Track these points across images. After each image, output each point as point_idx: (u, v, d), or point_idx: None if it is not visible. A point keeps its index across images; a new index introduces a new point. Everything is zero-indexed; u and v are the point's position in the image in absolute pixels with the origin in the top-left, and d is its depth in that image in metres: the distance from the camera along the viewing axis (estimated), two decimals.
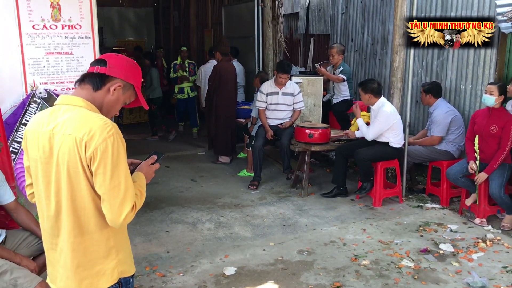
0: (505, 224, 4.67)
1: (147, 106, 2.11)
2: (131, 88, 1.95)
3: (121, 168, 1.75)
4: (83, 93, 1.86)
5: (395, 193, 5.45)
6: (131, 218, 1.80)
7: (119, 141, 1.76)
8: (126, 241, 1.97)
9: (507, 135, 4.58)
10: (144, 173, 1.99)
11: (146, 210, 5.04)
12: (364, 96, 5.30)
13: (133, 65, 1.97)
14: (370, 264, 3.93)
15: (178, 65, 8.75)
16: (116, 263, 1.88)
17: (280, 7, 7.65)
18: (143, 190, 1.91)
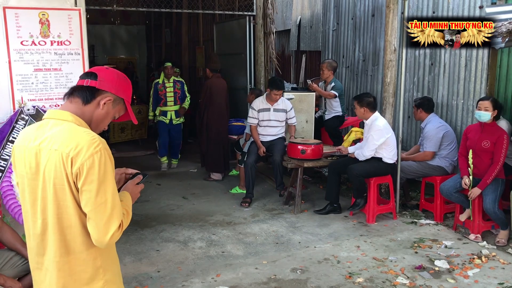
0: (500, 239, 4.63)
1: (136, 121, 2.07)
2: (121, 102, 1.93)
3: (108, 185, 1.70)
4: (72, 107, 1.82)
5: (389, 209, 5.40)
6: (118, 237, 1.74)
7: (107, 157, 1.71)
8: (114, 260, 1.91)
9: (500, 150, 4.57)
10: (130, 192, 1.94)
11: (137, 229, 4.95)
12: (360, 110, 5.28)
13: (123, 79, 1.94)
14: (364, 281, 3.86)
15: (160, 85, 7.36)
16: (103, 283, 1.82)
17: (271, 24, 7.68)
18: (129, 209, 1.86)
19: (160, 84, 7.32)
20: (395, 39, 5.46)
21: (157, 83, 7.41)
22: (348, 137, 6.21)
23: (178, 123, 7.53)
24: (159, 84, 7.34)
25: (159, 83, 7.33)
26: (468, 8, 5.51)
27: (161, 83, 7.31)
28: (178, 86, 7.38)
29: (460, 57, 5.66)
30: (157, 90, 7.38)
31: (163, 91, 7.28)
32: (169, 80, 7.33)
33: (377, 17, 7.06)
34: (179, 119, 7.49)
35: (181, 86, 7.45)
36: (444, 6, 5.85)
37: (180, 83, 7.46)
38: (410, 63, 6.40)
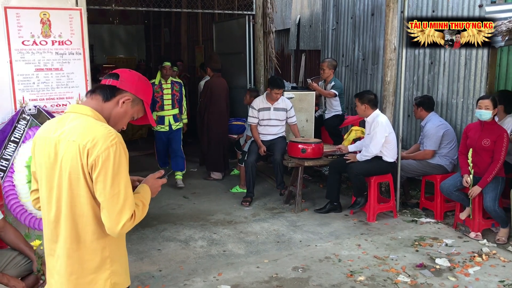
0: (500, 237, 4.65)
1: (154, 123, 2.13)
2: (140, 103, 2.02)
3: (121, 177, 1.78)
4: (93, 103, 1.92)
5: (389, 208, 5.42)
6: (130, 227, 1.81)
7: (122, 150, 1.80)
8: (122, 253, 1.98)
9: (500, 149, 4.59)
10: (149, 185, 2.03)
11: (138, 228, 4.95)
12: (361, 107, 5.29)
13: (144, 81, 2.03)
14: (366, 280, 3.87)
15: (156, 86, 6.42)
16: (109, 274, 1.88)
17: (271, 23, 7.68)
18: (146, 201, 1.94)
19: (156, 85, 6.39)
20: (395, 38, 5.47)
21: (153, 84, 6.27)
22: (348, 136, 6.22)
23: (178, 127, 6.61)
24: (155, 85, 6.38)
25: (155, 84, 6.40)
26: (467, 7, 5.52)
27: (157, 84, 6.41)
28: (176, 88, 6.56)
29: (460, 56, 5.68)
30: (153, 91, 6.63)
31: (160, 93, 6.41)
32: (166, 81, 6.46)
33: (377, 16, 7.07)
34: (178, 123, 6.60)
35: (180, 88, 6.61)
36: (443, 5, 5.87)
37: (179, 85, 6.61)
38: (410, 62, 6.41)
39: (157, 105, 6.38)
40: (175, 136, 6.57)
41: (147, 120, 2.09)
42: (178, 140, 6.62)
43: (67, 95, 4.12)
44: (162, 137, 6.55)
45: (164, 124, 6.46)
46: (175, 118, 6.53)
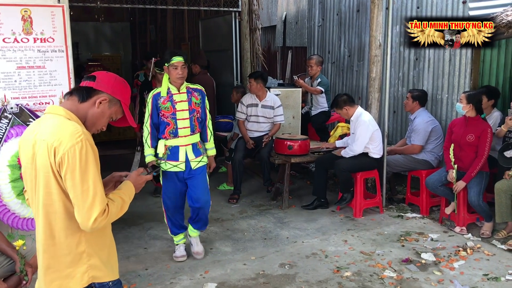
0: (484, 231, 4.70)
1: (135, 124, 2.14)
2: (118, 103, 2.05)
3: (89, 173, 1.82)
4: (68, 103, 1.97)
5: (376, 204, 5.45)
6: (103, 222, 1.84)
7: (88, 147, 1.83)
8: (103, 247, 2.00)
9: (484, 144, 4.63)
10: (132, 181, 2.10)
11: (124, 227, 4.92)
12: (342, 112, 5.33)
13: (121, 82, 2.08)
14: (352, 275, 3.89)
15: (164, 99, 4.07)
16: (86, 267, 1.93)
17: (257, 20, 7.67)
18: (126, 198, 2.00)
19: (163, 97, 3.98)
20: (380, 35, 5.49)
21: (157, 95, 4.00)
22: (335, 133, 6.24)
23: (201, 165, 4.12)
24: (160, 97, 3.99)
25: (161, 95, 3.98)
26: (451, 4, 5.56)
27: (165, 96, 3.98)
28: (196, 100, 4.06)
29: (444, 52, 5.71)
30: (157, 107, 4.00)
31: (170, 109, 3.97)
32: (179, 89, 4.00)
33: (362, 12, 7.09)
34: (201, 158, 4.11)
35: (202, 98, 4.12)
36: (428, 2, 5.90)
37: (200, 94, 4.11)
38: (395, 58, 6.44)
39: (167, 129, 3.99)
40: (197, 179, 4.08)
41: (128, 122, 2.12)
42: (201, 185, 4.11)
43: (50, 93, 4.06)
44: (174, 183, 4.07)
45: (178, 160, 4.01)
46: (196, 150, 4.08)
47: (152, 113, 4.00)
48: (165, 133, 4.01)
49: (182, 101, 4.00)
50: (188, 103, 4.01)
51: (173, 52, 3.94)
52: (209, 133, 4.23)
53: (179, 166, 4.03)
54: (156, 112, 4.00)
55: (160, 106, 3.97)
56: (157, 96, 4.00)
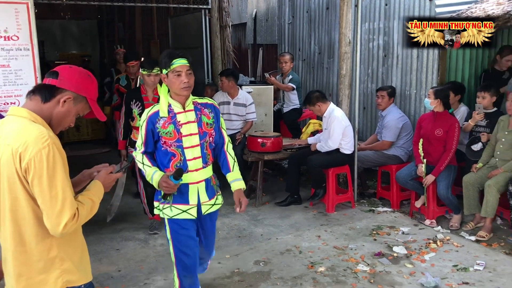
0: (453, 224, 4.82)
1: (103, 118, 2.08)
2: (84, 100, 1.97)
3: (58, 178, 1.76)
4: (31, 104, 1.88)
5: (347, 199, 5.51)
6: (73, 227, 1.80)
7: (56, 151, 1.77)
8: (76, 250, 1.96)
9: (452, 138, 4.74)
10: (102, 181, 2.04)
11: (95, 228, 4.83)
12: (315, 108, 5.35)
13: (86, 77, 1.98)
14: (326, 270, 3.92)
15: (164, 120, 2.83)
16: (60, 272, 1.88)
17: (227, 17, 7.64)
18: (96, 198, 1.95)
19: (163, 118, 2.84)
20: (349, 32, 5.55)
21: (155, 116, 2.84)
22: (307, 129, 6.28)
23: (214, 209, 3.09)
24: (160, 120, 2.85)
25: (160, 116, 2.84)
26: (418, 1, 5.65)
27: (165, 117, 2.85)
28: (208, 119, 2.95)
29: (412, 49, 5.82)
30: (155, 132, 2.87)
31: (174, 135, 2.84)
32: (185, 106, 2.87)
33: (332, 10, 7.15)
34: (215, 199, 3.07)
35: (215, 117, 2.99)
36: None
37: (212, 110, 2.99)
38: (364, 55, 6.52)
39: (172, 162, 2.86)
40: (204, 230, 3.13)
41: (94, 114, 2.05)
42: (209, 238, 3.21)
43: (16, 93, 3.95)
44: (186, 233, 2.95)
45: (189, 203, 2.92)
46: (210, 188, 3.01)
47: (147, 140, 2.85)
48: (171, 168, 2.85)
49: (190, 122, 2.84)
50: (197, 125, 2.86)
51: (173, 53, 2.77)
52: (230, 161, 3.06)
53: (189, 211, 2.90)
54: (152, 139, 2.84)
55: (160, 131, 2.80)
56: (155, 118, 2.80)
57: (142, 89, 4.57)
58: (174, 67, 2.74)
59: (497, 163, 4.63)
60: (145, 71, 4.44)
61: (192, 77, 2.80)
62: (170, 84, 2.79)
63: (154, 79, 4.42)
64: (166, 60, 2.76)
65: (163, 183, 2.73)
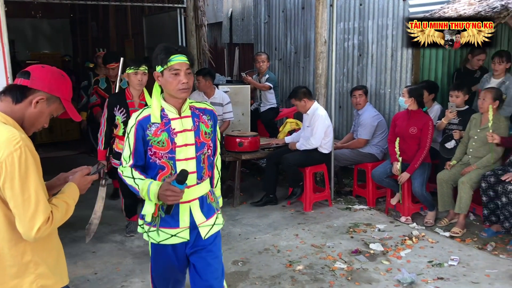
0: (428, 220, 4.90)
1: (78, 118, 2.03)
2: (57, 100, 1.92)
3: (30, 181, 1.72)
4: (2, 105, 1.84)
5: (324, 197, 5.55)
6: (47, 231, 1.76)
7: (28, 153, 1.72)
8: (50, 254, 1.91)
9: (426, 136, 4.83)
10: (77, 183, 1.99)
11: (69, 231, 4.74)
12: (300, 104, 5.35)
13: (59, 77, 1.93)
14: (304, 269, 3.94)
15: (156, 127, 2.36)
16: (34, 277, 1.83)
17: (202, 16, 7.59)
18: (70, 201, 1.90)
19: (156, 124, 2.36)
20: (325, 31, 5.59)
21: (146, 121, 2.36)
22: (284, 128, 6.30)
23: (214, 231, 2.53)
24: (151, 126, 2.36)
25: (152, 121, 2.36)
26: (392, 1, 5.73)
27: (158, 123, 2.36)
28: (206, 128, 2.47)
29: (387, 48, 5.90)
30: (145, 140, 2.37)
31: (167, 144, 2.36)
32: (180, 112, 2.40)
33: (307, 9, 7.19)
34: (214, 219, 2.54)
35: (213, 125, 2.52)
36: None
37: (211, 117, 2.51)
38: (340, 54, 6.57)
39: (160, 176, 2.39)
40: (207, 255, 2.51)
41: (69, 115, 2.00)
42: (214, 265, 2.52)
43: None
44: (171, 262, 2.52)
45: (179, 226, 2.44)
46: (207, 207, 2.52)
47: (136, 150, 2.36)
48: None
49: (186, 130, 2.38)
50: (194, 134, 2.40)
51: (171, 48, 2.30)
52: (216, 175, 2.64)
53: (180, 235, 2.42)
54: (142, 148, 2.36)
55: (151, 139, 2.34)
56: (145, 123, 2.34)
57: (127, 94, 4.14)
58: (172, 64, 2.28)
59: (470, 160, 4.73)
60: (131, 69, 4.04)
61: (192, 77, 2.36)
62: (165, 84, 2.31)
63: (141, 78, 4.03)
64: (162, 56, 2.29)
65: (167, 191, 2.20)
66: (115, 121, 4.17)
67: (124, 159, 2.40)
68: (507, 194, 4.18)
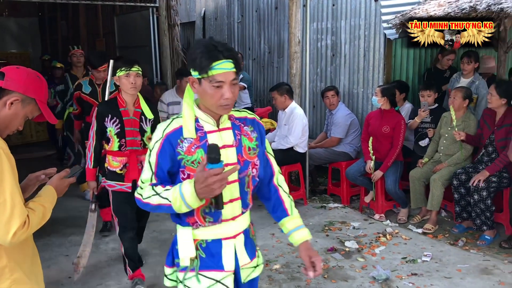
0: (401, 217, 4.99)
1: (54, 121, 1.99)
2: (33, 102, 1.87)
3: (6, 184, 1.69)
4: None
5: (300, 196, 5.58)
6: (24, 235, 1.72)
7: (3, 156, 1.68)
8: (25, 259, 1.88)
9: (398, 135, 4.91)
10: (54, 186, 1.94)
11: (42, 235, 4.64)
12: (281, 99, 5.37)
13: (35, 78, 1.88)
14: (281, 268, 3.96)
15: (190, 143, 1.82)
16: (10, 283, 1.80)
17: (175, 15, 7.56)
18: (47, 205, 1.85)
19: (190, 140, 1.82)
20: (299, 32, 5.62)
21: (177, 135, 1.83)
22: None
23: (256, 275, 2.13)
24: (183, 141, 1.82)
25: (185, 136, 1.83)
26: (364, 1, 5.81)
27: (192, 138, 1.83)
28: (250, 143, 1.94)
29: (359, 48, 5.98)
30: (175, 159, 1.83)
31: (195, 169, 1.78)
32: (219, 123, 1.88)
33: (280, 9, 7.22)
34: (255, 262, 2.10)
35: (259, 137, 1.99)
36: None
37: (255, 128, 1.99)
38: (313, 54, 6.63)
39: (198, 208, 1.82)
40: None
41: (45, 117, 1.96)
42: None
43: None
44: None
45: (223, 269, 1.91)
46: (249, 244, 2.07)
47: (160, 171, 1.83)
48: (196, 215, 1.85)
49: (226, 146, 1.87)
50: (236, 150, 1.89)
51: (214, 51, 1.73)
52: (286, 199, 2.16)
53: (224, 281, 1.91)
54: (167, 168, 1.83)
55: (183, 158, 1.82)
56: (175, 138, 1.82)
57: (119, 101, 3.44)
58: (214, 74, 1.72)
59: (441, 158, 4.84)
60: (122, 71, 3.35)
61: (237, 88, 1.83)
62: (203, 95, 1.80)
63: (135, 80, 3.35)
64: (202, 61, 1.72)
65: (207, 179, 1.62)
66: (107, 134, 3.41)
67: (143, 181, 1.84)
68: (478, 192, 4.29)
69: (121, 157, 3.43)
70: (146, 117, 3.48)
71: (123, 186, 3.47)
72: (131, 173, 3.44)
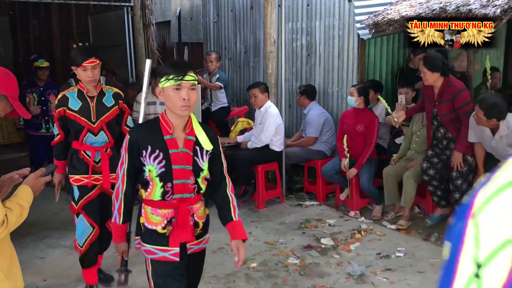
0: (375, 214, 5.09)
1: (27, 116, 1.99)
2: (4, 99, 1.88)
3: None
4: None
5: (277, 194, 5.64)
6: (2, 234, 1.74)
7: None
8: (3, 259, 1.88)
9: (372, 133, 5.01)
10: (30, 185, 1.94)
11: (16, 237, 4.54)
12: (262, 96, 5.42)
13: (4, 74, 1.89)
14: (258, 266, 4.00)
15: None
16: None
17: (150, 15, 7.50)
18: (25, 204, 1.86)
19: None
20: (274, 32, 5.67)
21: None
22: (235, 128, 6.34)
23: None
24: None
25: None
26: (338, 2, 5.89)
27: None
28: None
29: (334, 48, 6.06)
30: None
31: None
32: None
33: (256, 9, 7.25)
34: None
35: None
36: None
37: None
38: (289, 54, 6.67)
39: None
40: None
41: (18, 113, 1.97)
42: None
43: None
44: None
45: None
46: None
47: None
48: None
49: None
50: None
51: None
52: None
53: None
54: None
55: None
56: None
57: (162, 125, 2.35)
58: None
59: (414, 155, 4.95)
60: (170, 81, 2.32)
61: None
62: None
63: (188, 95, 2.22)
64: None
65: None
66: (145, 176, 2.31)
67: None
68: (463, 176, 4.34)
69: (165, 210, 2.35)
70: (203, 148, 2.35)
71: (167, 253, 2.36)
72: (180, 233, 2.36)
